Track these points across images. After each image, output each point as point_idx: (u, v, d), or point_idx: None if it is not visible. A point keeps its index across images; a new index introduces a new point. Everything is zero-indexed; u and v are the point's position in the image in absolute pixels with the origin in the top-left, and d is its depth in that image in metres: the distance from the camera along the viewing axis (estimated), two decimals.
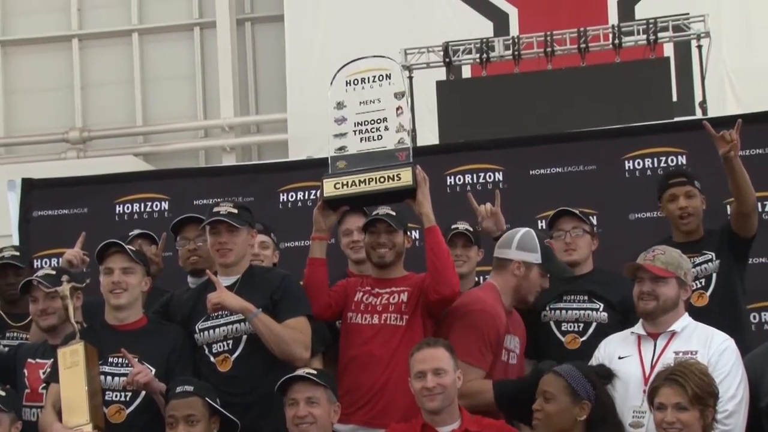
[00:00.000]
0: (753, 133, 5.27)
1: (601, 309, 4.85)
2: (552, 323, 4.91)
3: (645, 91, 10.91)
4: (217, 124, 17.25)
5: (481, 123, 10.56)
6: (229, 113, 17.08)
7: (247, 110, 17.35)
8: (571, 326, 4.85)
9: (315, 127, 10.86)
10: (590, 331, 4.83)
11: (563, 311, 4.90)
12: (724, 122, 4.94)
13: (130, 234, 5.45)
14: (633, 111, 9.71)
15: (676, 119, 8.71)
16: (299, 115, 14.81)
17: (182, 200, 6.19)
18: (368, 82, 4.65)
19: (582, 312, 4.90)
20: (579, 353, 4.60)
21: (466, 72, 12.91)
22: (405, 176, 4.47)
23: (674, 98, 11.76)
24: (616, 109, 10.07)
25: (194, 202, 5.99)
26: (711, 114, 9.91)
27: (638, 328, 4.35)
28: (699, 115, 10.70)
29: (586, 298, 4.91)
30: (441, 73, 12.00)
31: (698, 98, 11.67)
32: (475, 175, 5.97)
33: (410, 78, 11.62)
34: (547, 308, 4.92)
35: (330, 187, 4.57)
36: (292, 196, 6.12)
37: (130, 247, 4.64)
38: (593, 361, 4.35)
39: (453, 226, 5.16)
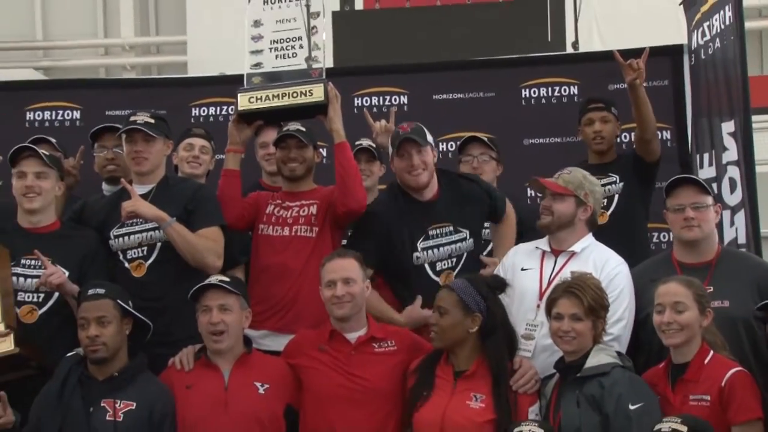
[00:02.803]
0: (654, 65, 5.17)
1: None
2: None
3: (522, 29, 10.93)
4: (118, 42, 16.69)
5: (374, 53, 10.40)
6: (129, 33, 16.54)
7: (147, 31, 16.83)
8: None
9: (214, 50, 10.47)
10: None
11: None
12: (624, 54, 4.86)
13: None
14: (510, 48, 9.64)
15: (572, 52, 8.69)
16: (198, 38, 14.32)
17: (94, 110, 5.77)
18: (285, 1, 4.46)
19: None
20: None
21: (359, 4, 12.71)
22: (317, 92, 4.29)
23: (549, 38, 11.76)
24: (495, 45, 9.98)
25: (106, 113, 5.60)
26: None
27: (543, 243, 4.25)
28: None
29: None
30: (335, 4, 11.65)
31: (570, 39, 11.71)
32: (381, 98, 5.76)
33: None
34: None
35: (245, 101, 4.36)
36: (204, 111, 5.79)
37: (44, 151, 4.31)
38: (499, 268, 4.26)
39: (357, 142, 4.98)
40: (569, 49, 11.02)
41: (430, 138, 4.46)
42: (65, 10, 17.39)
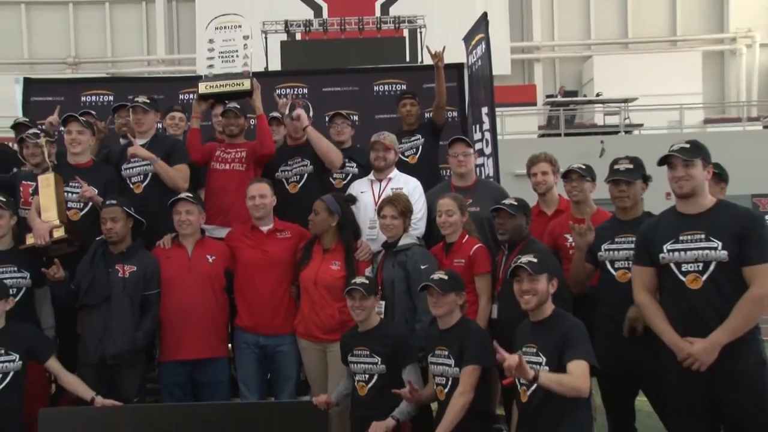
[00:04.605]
0: (450, 74, 5.05)
1: (357, 170, 4.44)
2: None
3: (390, 55, 10.81)
4: (155, 58, 15.98)
5: (305, 64, 10.15)
6: (162, 52, 15.82)
7: (172, 50, 16.11)
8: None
9: None
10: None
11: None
12: (429, 68, 4.74)
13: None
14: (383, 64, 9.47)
15: (402, 65, 8.59)
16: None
17: (122, 95, 5.32)
18: (228, 28, 4.13)
19: None
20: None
21: (298, 37, 12.31)
22: (246, 84, 4.04)
23: (407, 59, 11.60)
24: (375, 62, 9.81)
25: (128, 97, 5.20)
26: None
27: (370, 176, 4.14)
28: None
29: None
30: (284, 36, 11.54)
31: (411, 60, 11.56)
32: (291, 89, 5.39)
33: (266, 39, 11.18)
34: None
35: (203, 88, 4.10)
36: (186, 96, 5.42)
37: (83, 118, 4.04)
38: (348, 191, 4.13)
39: (272, 114, 4.64)
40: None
41: (310, 113, 4.30)
42: (125, 36, 16.71)
